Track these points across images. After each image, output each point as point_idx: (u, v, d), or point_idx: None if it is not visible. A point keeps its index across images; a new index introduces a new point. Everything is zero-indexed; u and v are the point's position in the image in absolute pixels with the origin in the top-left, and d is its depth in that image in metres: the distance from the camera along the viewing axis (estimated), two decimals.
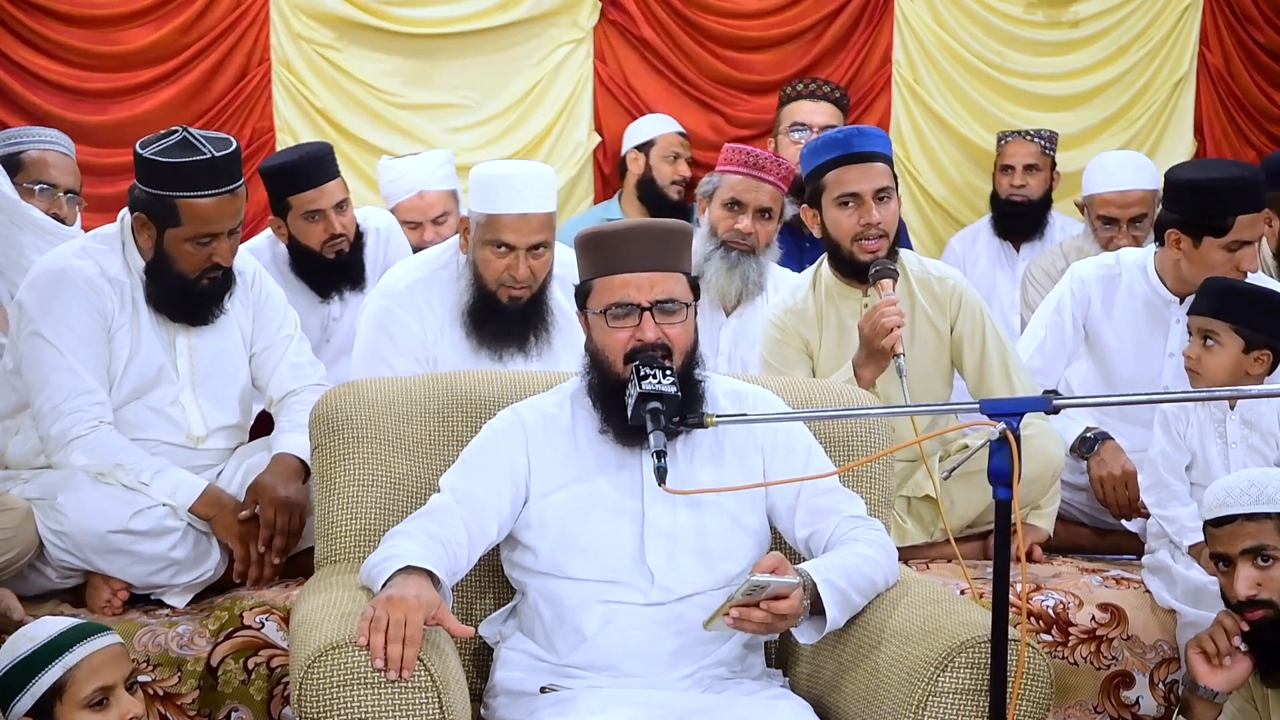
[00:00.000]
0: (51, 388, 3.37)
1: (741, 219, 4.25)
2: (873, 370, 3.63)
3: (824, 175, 3.76)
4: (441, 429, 3.02)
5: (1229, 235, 3.83)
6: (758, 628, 2.56)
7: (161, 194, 3.35)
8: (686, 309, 2.75)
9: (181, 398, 3.52)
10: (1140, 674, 3.54)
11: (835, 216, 3.75)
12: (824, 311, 3.87)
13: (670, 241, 2.77)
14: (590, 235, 2.80)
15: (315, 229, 4.36)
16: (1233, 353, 3.50)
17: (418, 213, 4.92)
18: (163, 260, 3.42)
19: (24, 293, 3.46)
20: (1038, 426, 3.74)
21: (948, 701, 2.53)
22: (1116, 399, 4.12)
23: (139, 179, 3.40)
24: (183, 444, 3.54)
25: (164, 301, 3.47)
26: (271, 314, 3.70)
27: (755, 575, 2.52)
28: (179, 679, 3.29)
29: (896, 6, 5.97)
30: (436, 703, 2.46)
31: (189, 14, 5.53)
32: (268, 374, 3.70)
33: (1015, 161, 5.46)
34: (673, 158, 5.60)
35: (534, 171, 3.71)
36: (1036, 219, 5.49)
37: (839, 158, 3.74)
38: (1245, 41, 6.16)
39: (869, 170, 3.72)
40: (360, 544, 2.92)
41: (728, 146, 4.37)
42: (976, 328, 3.82)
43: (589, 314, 2.79)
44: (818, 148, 3.82)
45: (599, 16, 5.81)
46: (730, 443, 2.82)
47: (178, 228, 3.37)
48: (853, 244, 3.74)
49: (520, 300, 3.69)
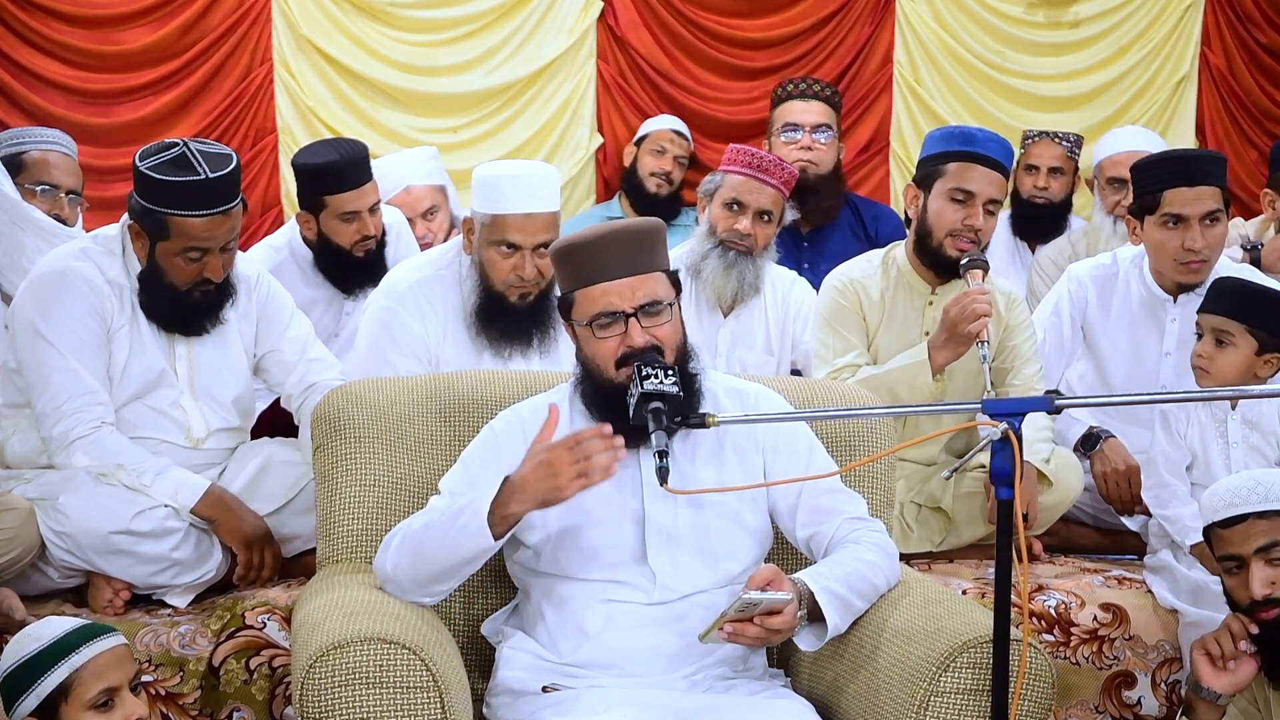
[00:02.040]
0: (53, 388, 3.37)
1: (741, 220, 4.24)
2: (949, 354, 3.65)
3: (946, 163, 3.77)
4: (443, 429, 3.02)
5: (1160, 211, 3.86)
6: (753, 641, 2.58)
7: (154, 209, 3.35)
8: (670, 307, 2.74)
9: (181, 401, 3.53)
10: (1142, 674, 3.54)
11: (941, 207, 3.77)
12: (887, 294, 3.88)
13: (644, 242, 2.75)
14: (565, 247, 2.78)
15: (349, 229, 4.36)
16: (1246, 354, 3.50)
17: (406, 208, 4.92)
18: (155, 271, 3.42)
19: (23, 294, 3.46)
20: (1062, 457, 3.79)
21: (950, 701, 2.53)
22: (1117, 399, 4.12)
23: (136, 190, 3.40)
24: (183, 444, 3.54)
25: (155, 312, 3.47)
26: (277, 318, 3.70)
27: (748, 593, 2.53)
28: (181, 679, 3.29)
29: (898, 6, 5.98)
30: (438, 702, 2.46)
31: (190, 14, 5.54)
32: (283, 374, 3.71)
33: (1041, 163, 5.43)
34: (659, 151, 5.61)
35: (538, 171, 3.71)
36: (1056, 221, 5.47)
37: (966, 153, 3.76)
38: (1247, 41, 6.16)
39: (991, 177, 3.75)
40: (361, 544, 2.93)
41: (732, 147, 4.36)
42: (1021, 345, 3.86)
43: (575, 326, 2.78)
44: (949, 135, 3.85)
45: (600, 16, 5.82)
46: (731, 441, 2.82)
47: (167, 242, 3.37)
48: (947, 237, 3.76)
49: (528, 299, 3.69)
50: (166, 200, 3.33)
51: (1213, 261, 3.91)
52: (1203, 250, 3.86)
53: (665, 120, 5.72)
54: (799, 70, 5.85)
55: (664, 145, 5.62)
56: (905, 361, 3.71)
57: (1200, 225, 3.84)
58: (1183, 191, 3.84)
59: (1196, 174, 3.85)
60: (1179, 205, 3.85)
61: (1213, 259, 3.90)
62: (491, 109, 5.82)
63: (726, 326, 4.31)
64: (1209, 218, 3.85)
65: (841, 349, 3.85)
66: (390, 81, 5.73)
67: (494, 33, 5.80)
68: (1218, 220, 3.87)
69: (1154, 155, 4.20)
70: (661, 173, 5.58)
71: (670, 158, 5.61)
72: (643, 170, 5.60)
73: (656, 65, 5.89)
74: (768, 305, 4.33)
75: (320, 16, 5.65)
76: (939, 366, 3.66)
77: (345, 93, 5.70)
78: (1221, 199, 3.87)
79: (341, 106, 5.69)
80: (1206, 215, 3.84)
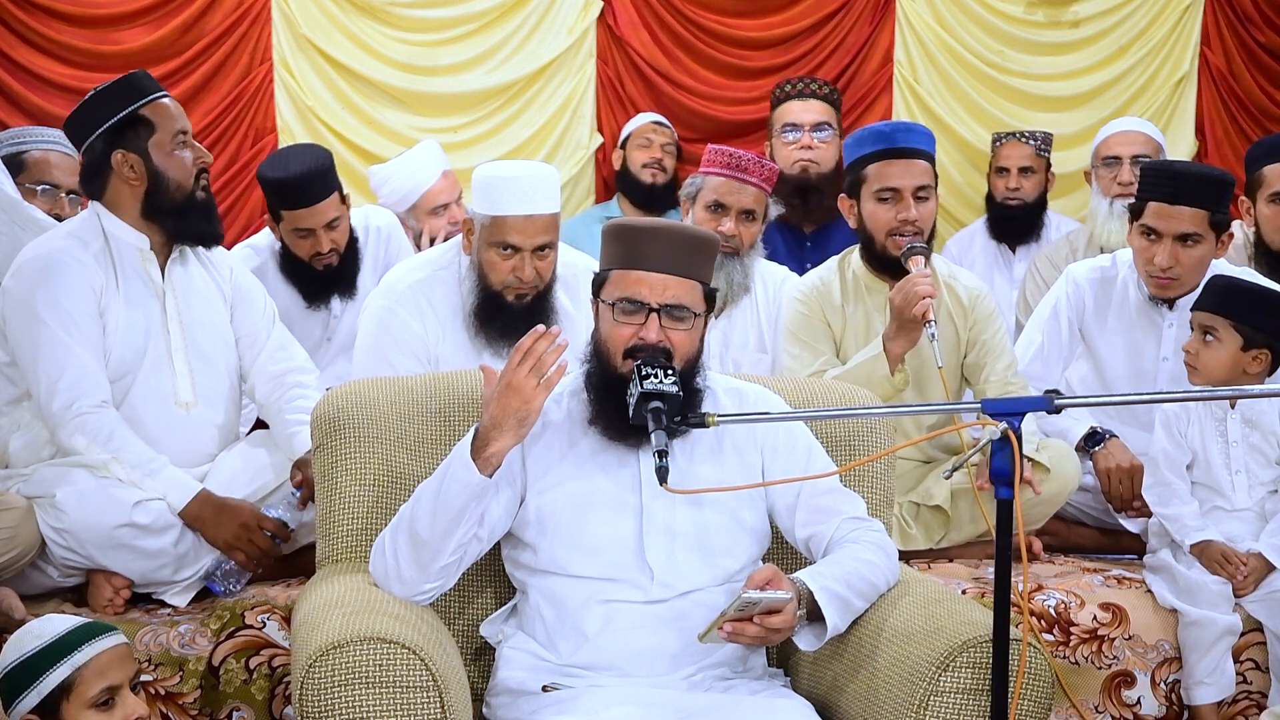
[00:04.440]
0: (48, 365, 3.38)
1: (724, 221, 4.24)
2: (904, 343, 3.65)
3: (865, 167, 3.78)
4: (443, 428, 3.02)
5: (1141, 219, 3.86)
6: (752, 641, 2.59)
7: (124, 113, 3.42)
8: (696, 318, 2.75)
9: (174, 359, 3.53)
10: (1142, 674, 3.54)
11: (873, 209, 3.77)
12: (848, 298, 3.89)
13: (696, 249, 2.77)
14: (619, 226, 2.81)
15: (304, 245, 4.41)
16: (1231, 350, 3.50)
17: (445, 194, 4.97)
18: (158, 182, 3.46)
19: (11, 280, 3.46)
20: (1058, 449, 3.78)
21: (949, 701, 2.53)
22: (1117, 399, 4.12)
23: (92, 127, 3.45)
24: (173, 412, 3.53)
25: (173, 230, 3.51)
26: (251, 304, 3.74)
27: (747, 592, 2.53)
28: (180, 678, 3.29)
29: (898, 6, 5.98)
30: (438, 702, 2.46)
31: (190, 14, 5.54)
32: (250, 360, 3.72)
33: (1010, 164, 5.45)
34: (644, 144, 5.62)
35: (538, 173, 3.70)
36: (1032, 221, 5.47)
37: (882, 151, 3.76)
38: (1246, 41, 6.16)
39: (911, 167, 3.74)
40: (361, 544, 2.93)
41: (710, 148, 4.35)
42: (991, 340, 3.86)
43: (600, 303, 2.80)
44: (862, 139, 3.84)
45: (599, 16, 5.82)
46: (730, 441, 2.82)
47: (155, 134, 3.44)
48: (887, 238, 3.76)
49: (526, 299, 3.69)
50: (128, 98, 3.44)
51: (1187, 281, 3.85)
52: (1172, 269, 3.83)
53: (643, 116, 5.74)
54: (799, 70, 5.85)
55: (648, 138, 5.63)
56: (863, 358, 3.72)
57: (1172, 244, 3.81)
58: (1163, 207, 3.82)
59: (1182, 192, 3.79)
60: (1156, 219, 3.83)
61: (1186, 278, 3.85)
62: (491, 109, 5.82)
63: (717, 328, 4.30)
64: (1185, 239, 3.81)
65: (810, 359, 3.86)
66: (390, 81, 5.73)
67: (494, 32, 5.81)
68: (1196, 243, 3.81)
69: (1159, 162, 4.18)
70: (653, 161, 5.59)
71: (657, 146, 5.62)
72: (634, 165, 5.61)
73: (656, 65, 5.89)
74: (759, 303, 4.33)
75: (320, 16, 5.65)
76: (896, 357, 3.66)
77: (345, 93, 5.70)
78: (1205, 222, 3.79)
79: (341, 106, 5.70)
80: (1182, 236, 3.81)
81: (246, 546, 3.43)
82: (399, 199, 4.99)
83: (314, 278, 4.45)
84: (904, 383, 3.69)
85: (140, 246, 3.51)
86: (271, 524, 3.46)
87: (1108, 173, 5.07)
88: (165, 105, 3.49)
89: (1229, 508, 3.56)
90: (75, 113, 3.49)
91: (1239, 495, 3.55)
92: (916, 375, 3.77)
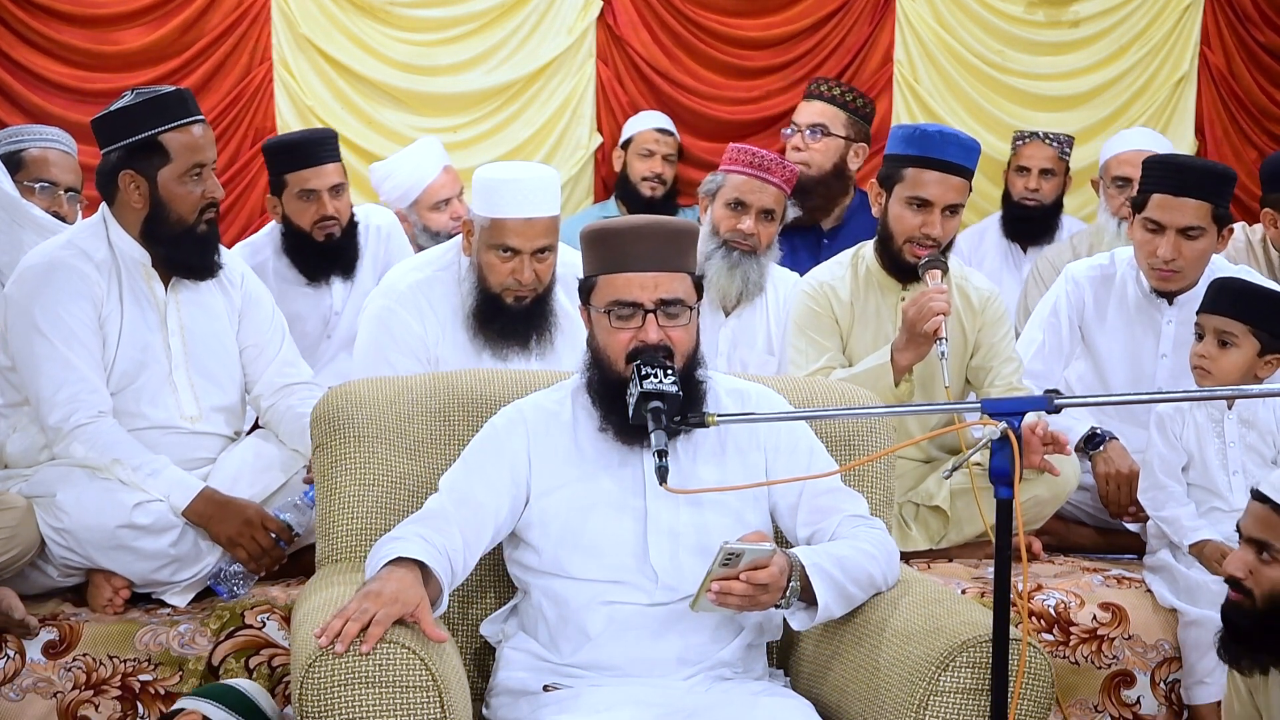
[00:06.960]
0: (47, 378, 3.37)
1: (744, 219, 4.24)
2: (912, 356, 3.65)
3: (905, 167, 3.77)
4: (443, 428, 3.02)
5: (1144, 211, 3.87)
6: (741, 601, 2.56)
7: (144, 135, 3.38)
8: (690, 311, 2.74)
9: (174, 375, 3.52)
10: (1141, 673, 3.54)
11: (900, 213, 3.78)
12: (858, 294, 3.89)
13: (676, 241, 2.76)
14: (596, 230, 2.79)
15: (308, 209, 4.42)
16: (1248, 355, 3.50)
17: (447, 189, 4.98)
18: (159, 211, 3.44)
19: (13, 287, 3.46)
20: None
21: (949, 701, 2.53)
22: (1117, 398, 4.12)
23: (113, 139, 3.43)
24: (177, 426, 3.53)
25: (165, 258, 3.48)
26: (259, 313, 3.71)
27: (729, 543, 2.52)
28: (180, 678, 3.29)
29: (898, 6, 5.99)
30: (437, 702, 2.46)
31: (189, 14, 5.55)
32: (257, 372, 3.71)
33: (1032, 164, 5.42)
34: (646, 154, 5.60)
35: (538, 175, 3.70)
36: (1048, 222, 5.45)
37: (926, 159, 3.74)
38: (1246, 41, 6.16)
39: (947, 182, 3.74)
40: (360, 544, 2.92)
41: (732, 146, 4.35)
42: (998, 343, 3.86)
43: (591, 310, 2.78)
44: (910, 137, 3.82)
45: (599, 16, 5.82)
46: (732, 440, 2.82)
47: (169, 165, 3.40)
48: (905, 244, 3.77)
49: (525, 301, 3.69)
50: (154, 120, 3.38)
51: (1189, 274, 3.87)
52: (1174, 261, 3.84)
53: (648, 119, 5.70)
54: (798, 70, 5.85)
55: (650, 147, 5.60)
56: (869, 364, 3.72)
57: (1176, 236, 3.82)
58: (1167, 199, 3.83)
59: (1186, 185, 3.81)
60: (1159, 211, 3.84)
61: (1188, 271, 3.86)
62: (491, 109, 5.82)
63: (728, 326, 4.32)
64: (1188, 231, 3.82)
65: (815, 354, 3.86)
66: (390, 81, 5.73)
67: (494, 32, 5.81)
68: (1199, 236, 3.83)
69: (1163, 155, 4.19)
70: (653, 175, 5.57)
71: (659, 158, 5.60)
72: (633, 175, 5.59)
73: (656, 65, 5.89)
74: (769, 305, 4.33)
75: (320, 16, 5.66)
76: (903, 369, 3.66)
77: (345, 92, 5.70)
78: (1209, 215, 3.81)
79: (341, 106, 5.70)
80: (1185, 228, 3.82)
81: (248, 544, 3.41)
82: (400, 194, 4.99)
83: (316, 252, 4.45)
84: (908, 394, 3.70)
85: (143, 262, 3.50)
86: (276, 525, 3.46)
87: (1118, 194, 5.04)
88: (190, 134, 3.41)
89: (1226, 508, 3.55)
90: (105, 116, 3.44)
91: (1236, 496, 3.55)
92: (920, 384, 3.78)
